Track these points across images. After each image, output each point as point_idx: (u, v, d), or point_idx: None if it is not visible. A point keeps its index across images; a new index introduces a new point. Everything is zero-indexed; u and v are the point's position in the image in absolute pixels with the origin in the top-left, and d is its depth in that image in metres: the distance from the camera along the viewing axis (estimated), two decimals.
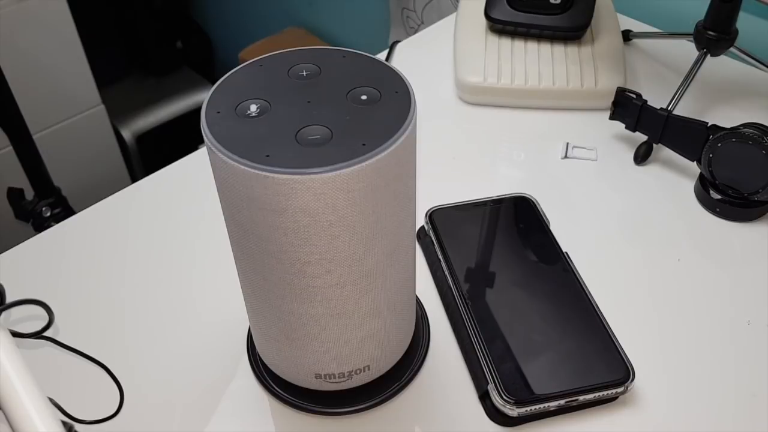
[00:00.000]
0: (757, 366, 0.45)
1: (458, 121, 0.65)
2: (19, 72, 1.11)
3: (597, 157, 0.61)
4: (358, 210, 0.33)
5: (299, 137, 0.32)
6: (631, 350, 0.43)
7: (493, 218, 0.52)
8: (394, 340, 0.41)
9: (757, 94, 0.66)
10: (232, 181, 0.32)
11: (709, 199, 0.55)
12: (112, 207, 0.57)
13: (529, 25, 0.66)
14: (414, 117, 0.33)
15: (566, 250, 0.50)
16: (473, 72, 0.65)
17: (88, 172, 1.36)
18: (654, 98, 0.58)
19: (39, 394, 0.30)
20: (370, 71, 0.36)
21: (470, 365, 0.44)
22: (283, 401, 0.43)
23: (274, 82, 0.35)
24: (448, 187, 0.57)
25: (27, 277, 0.52)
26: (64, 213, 1.05)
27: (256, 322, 0.41)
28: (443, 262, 0.49)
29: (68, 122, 1.30)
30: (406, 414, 0.43)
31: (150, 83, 1.65)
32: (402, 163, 0.33)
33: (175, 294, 0.50)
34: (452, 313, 0.47)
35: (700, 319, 0.48)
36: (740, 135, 0.52)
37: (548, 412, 0.42)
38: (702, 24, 0.62)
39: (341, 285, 0.35)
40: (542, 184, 0.58)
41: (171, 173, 0.60)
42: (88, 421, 0.40)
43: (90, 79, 1.29)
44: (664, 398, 0.43)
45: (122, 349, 0.47)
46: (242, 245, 0.36)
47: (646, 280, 0.50)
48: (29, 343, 0.46)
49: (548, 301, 0.46)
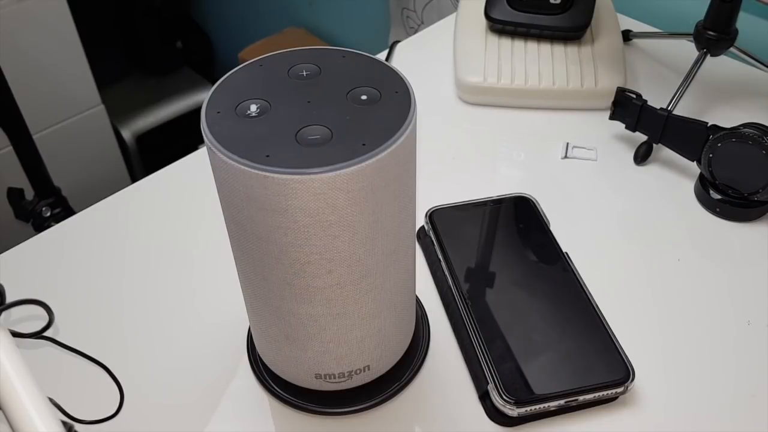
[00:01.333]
0: (756, 366, 0.45)
1: (458, 121, 0.65)
2: (19, 72, 1.11)
3: (597, 157, 0.61)
4: (358, 210, 0.33)
5: (299, 137, 0.32)
6: (631, 350, 0.43)
7: (493, 218, 0.52)
8: (394, 340, 0.41)
9: (757, 94, 0.66)
10: (232, 181, 0.32)
11: (709, 199, 0.55)
12: (112, 207, 0.57)
13: (529, 25, 0.66)
14: (414, 117, 0.33)
15: (566, 250, 0.50)
16: (473, 72, 0.65)
17: (88, 172, 1.36)
18: (654, 98, 0.58)
19: (39, 394, 0.30)
20: (370, 71, 0.36)
21: (470, 365, 0.44)
22: (283, 401, 0.43)
23: (274, 82, 0.35)
24: (448, 187, 0.57)
25: (27, 277, 0.52)
26: (64, 213, 1.05)
27: (256, 322, 0.41)
28: (443, 262, 0.49)
29: (68, 122, 1.30)
30: (406, 414, 0.43)
31: (150, 83, 1.65)
32: (402, 163, 0.33)
33: (175, 294, 0.50)
34: (452, 313, 0.47)
35: (700, 319, 0.48)
36: (740, 135, 0.52)
37: (548, 412, 0.42)
38: (702, 24, 0.62)
39: (341, 285, 0.35)
40: (542, 184, 0.58)
41: (171, 173, 0.60)
42: (88, 421, 0.40)
43: (90, 79, 1.29)
44: (664, 398, 0.43)
45: (122, 349, 0.47)
46: (242, 245, 0.36)
47: (646, 280, 0.50)
48: (29, 343, 0.46)
49: (548, 301, 0.46)
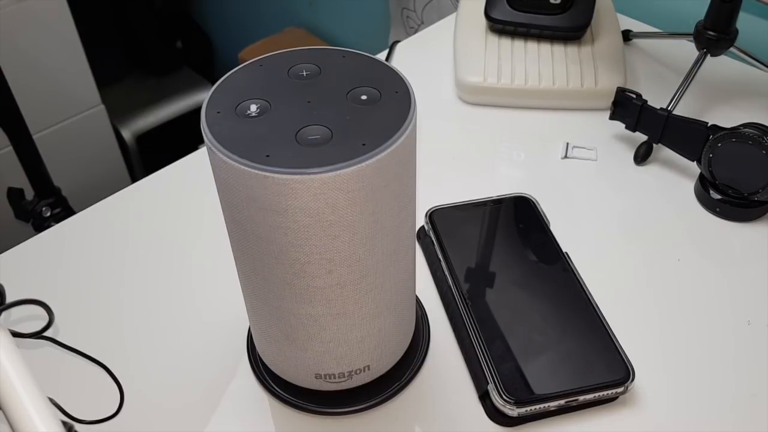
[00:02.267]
0: (756, 366, 0.45)
1: (458, 121, 0.65)
2: (19, 72, 1.11)
3: (597, 157, 0.61)
4: (358, 210, 0.33)
5: (299, 137, 0.32)
6: (631, 350, 0.43)
7: (493, 218, 0.52)
8: (394, 340, 0.41)
9: (757, 94, 0.66)
10: (232, 181, 0.32)
11: (709, 199, 0.55)
12: (112, 207, 0.57)
13: (529, 25, 0.66)
14: (414, 117, 0.33)
15: (566, 250, 0.50)
16: (473, 72, 0.65)
17: (88, 172, 1.36)
18: (654, 98, 0.58)
19: (39, 394, 0.30)
20: (370, 71, 0.36)
21: (470, 365, 0.44)
22: (283, 401, 0.43)
23: (274, 82, 0.35)
24: (448, 187, 0.57)
25: (27, 277, 0.52)
26: (64, 213, 1.05)
27: (256, 322, 0.41)
28: (443, 262, 0.49)
29: (68, 122, 1.30)
30: (406, 414, 0.43)
31: (150, 83, 1.65)
32: (402, 163, 0.33)
33: (175, 294, 0.50)
34: (452, 313, 0.47)
35: (700, 319, 0.48)
36: (740, 135, 0.52)
37: (548, 412, 0.42)
38: (702, 24, 0.62)
39: (341, 285, 0.35)
40: (542, 184, 0.58)
41: (171, 173, 0.60)
42: (88, 421, 0.40)
43: (90, 79, 1.29)
44: (664, 398, 0.43)
45: (122, 349, 0.47)
46: (242, 245, 0.36)
47: (646, 280, 0.50)
48: (29, 343, 0.46)
49: (548, 301, 0.46)
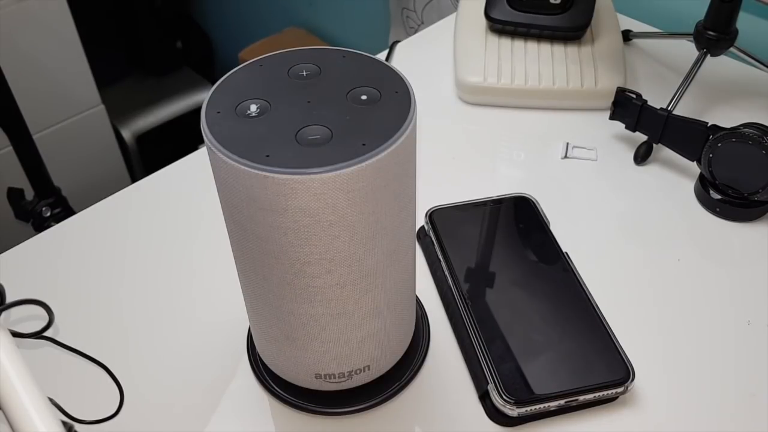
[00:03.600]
0: (756, 366, 0.45)
1: (458, 121, 0.65)
2: (19, 72, 1.11)
3: (597, 157, 0.61)
4: (358, 210, 0.33)
5: (299, 137, 0.32)
6: (631, 350, 0.43)
7: (493, 218, 0.52)
8: (394, 340, 0.41)
9: (757, 94, 0.66)
10: (232, 181, 0.32)
11: (709, 199, 0.55)
12: (112, 207, 0.57)
13: (529, 25, 0.66)
14: (414, 117, 0.33)
15: (566, 250, 0.50)
16: (473, 72, 0.65)
17: (88, 172, 1.36)
18: (654, 98, 0.58)
19: (39, 394, 0.30)
20: (370, 71, 0.36)
21: (470, 365, 0.44)
22: (283, 401, 0.43)
23: (274, 82, 0.35)
24: (448, 187, 0.57)
25: (27, 277, 0.52)
26: (64, 213, 1.05)
27: (256, 322, 0.41)
28: (443, 262, 0.49)
29: (68, 122, 1.30)
30: (406, 414, 0.43)
31: (150, 83, 1.65)
32: (402, 163, 0.33)
33: (175, 294, 0.50)
34: (452, 313, 0.47)
35: (700, 319, 0.48)
36: (740, 135, 0.52)
37: (548, 412, 0.42)
38: (702, 24, 0.62)
39: (341, 285, 0.35)
40: (542, 184, 0.58)
41: (171, 173, 0.60)
42: (88, 421, 0.40)
43: (90, 79, 1.29)
44: (664, 398, 0.43)
45: (122, 349, 0.47)
46: (242, 245, 0.36)
47: (646, 280, 0.50)
48: (29, 343, 0.46)
49: (548, 301, 0.46)
